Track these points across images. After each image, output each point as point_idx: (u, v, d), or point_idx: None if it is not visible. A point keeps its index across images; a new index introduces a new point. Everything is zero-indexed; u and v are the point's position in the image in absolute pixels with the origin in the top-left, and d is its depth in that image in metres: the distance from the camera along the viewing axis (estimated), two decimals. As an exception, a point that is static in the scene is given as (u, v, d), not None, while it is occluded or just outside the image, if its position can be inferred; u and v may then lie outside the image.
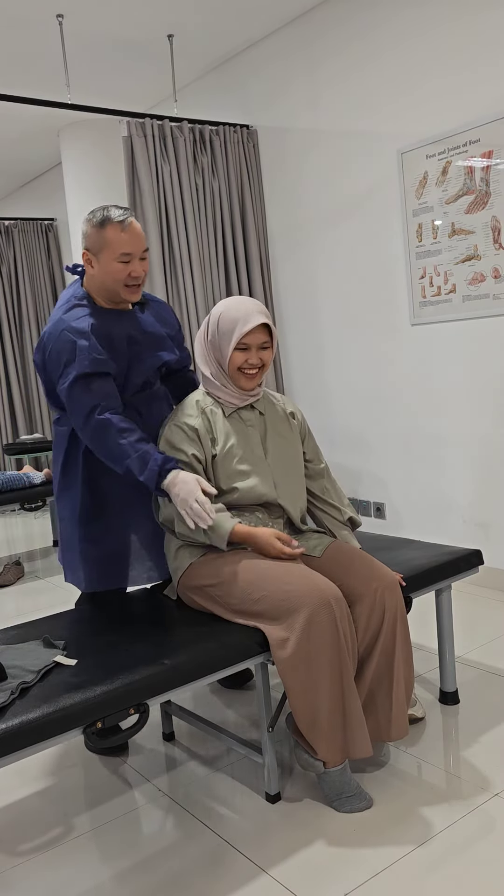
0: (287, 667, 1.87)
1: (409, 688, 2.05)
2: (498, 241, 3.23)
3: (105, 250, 2.07)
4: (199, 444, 2.10)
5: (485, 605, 3.32)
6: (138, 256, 2.11)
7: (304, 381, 4.37)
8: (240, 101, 4.40)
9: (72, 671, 1.79)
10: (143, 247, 2.12)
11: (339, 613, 1.89)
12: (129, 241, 2.07)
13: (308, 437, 2.31)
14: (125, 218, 2.07)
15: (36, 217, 6.73)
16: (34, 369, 6.74)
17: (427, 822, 1.89)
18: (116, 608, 2.23)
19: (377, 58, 3.60)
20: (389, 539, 2.62)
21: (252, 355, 2.09)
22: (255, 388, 2.17)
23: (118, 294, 2.14)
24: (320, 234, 4.09)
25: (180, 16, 3.84)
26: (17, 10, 3.64)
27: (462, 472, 3.56)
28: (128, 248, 2.07)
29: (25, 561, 4.84)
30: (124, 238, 2.06)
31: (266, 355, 2.12)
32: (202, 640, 1.90)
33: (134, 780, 2.21)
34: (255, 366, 2.10)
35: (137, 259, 2.11)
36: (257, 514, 2.15)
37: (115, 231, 2.06)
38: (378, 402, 3.93)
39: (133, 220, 2.10)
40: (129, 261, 2.09)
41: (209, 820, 1.98)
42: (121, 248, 2.06)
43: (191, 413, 2.12)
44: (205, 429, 2.11)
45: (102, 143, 5.32)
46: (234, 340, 2.06)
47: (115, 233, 2.06)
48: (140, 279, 2.14)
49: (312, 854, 1.81)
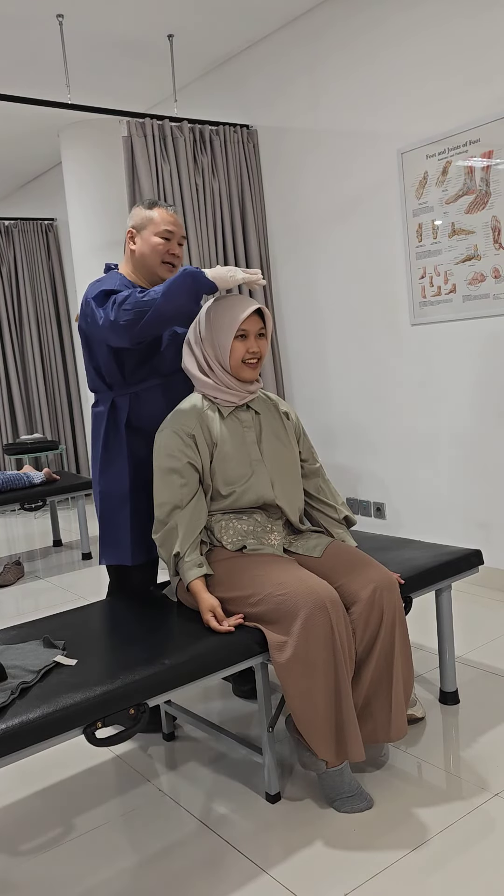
0: (284, 670, 1.87)
1: (408, 688, 2.05)
2: (498, 241, 3.23)
3: (149, 226, 2.30)
4: (196, 450, 2.10)
5: (485, 605, 3.32)
6: (177, 240, 2.34)
7: (304, 381, 4.37)
8: (240, 101, 4.40)
9: (72, 671, 1.79)
10: (182, 233, 2.36)
11: (336, 616, 1.89)
12: (173, 222, 2.33)
13: (303, 437, 2.32)
14: (172, 207, 2.37)
15: (36, 217, 6.73)
16: (34, 369, 6.75)
17: (427, 822, 1.89)
18: (117, 608, 2.23)
19: (377, 58, 3.60)
20: (389, 539, 2.62)
21: (252, 343, 2.13)
22: (254, 382, 2.19)
23: (155, 270, 2.32)
24: (320, 234, 4.09)
25: (180, 16, 3.84)
26: (17, 10, 3.64)
27: (462, 472, 3.56)
28: (170, 227, 2.31)
29: (25, 561, 4.84)
30: (168, 218, 2.32)
31: (263, 343, 2.16)
32: (202, 640, 1.90)
33: (134, 780, 2.21)
34: (256, 355, 2.14)
35: (176, 241, 2.34)
36: (255, 518, 2.15)
37: (162, 211, 2.32)
38: (378, 401, 3.93)
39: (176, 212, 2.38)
40: (169, 238, 2.31)
41: (209, 820, 1.98)
42: (164, 225, 2.30)
43: (188, 419, 2.12)
44: (202, 435, 2.11)
45: (102, 143, 5.32)
46: (234, 329, 2.09)
47: (161, 212, 2.32)
48: (177, 259, 2.35)
49: (312, 854, 1.81)
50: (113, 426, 2.35)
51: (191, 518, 2.07)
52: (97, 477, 2.41)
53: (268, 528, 2.17)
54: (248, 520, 2.14)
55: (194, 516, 2.08)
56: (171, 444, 2.10)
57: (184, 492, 2.08)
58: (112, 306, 2.12)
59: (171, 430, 2.12)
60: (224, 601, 2.02)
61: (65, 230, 6.72)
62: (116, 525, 2.37)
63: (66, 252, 6.79)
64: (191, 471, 2.09)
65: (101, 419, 2.38)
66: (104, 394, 2.38)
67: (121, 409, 2.33)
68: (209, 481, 2.12)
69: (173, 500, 2.08)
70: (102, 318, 2.15)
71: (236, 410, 2.18)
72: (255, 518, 2.15)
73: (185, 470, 2.09)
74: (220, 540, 2.12)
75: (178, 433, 2.11)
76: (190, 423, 2.11)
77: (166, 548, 2.09)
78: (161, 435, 2.15)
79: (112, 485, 2.36)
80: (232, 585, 2.00)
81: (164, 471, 2.10)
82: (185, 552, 2.05)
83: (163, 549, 2.10)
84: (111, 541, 2.39)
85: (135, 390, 2.33)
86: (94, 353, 2.31)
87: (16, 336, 6.76)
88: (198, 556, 2.06)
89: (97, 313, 2.18)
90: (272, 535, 2.16)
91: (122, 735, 1.72)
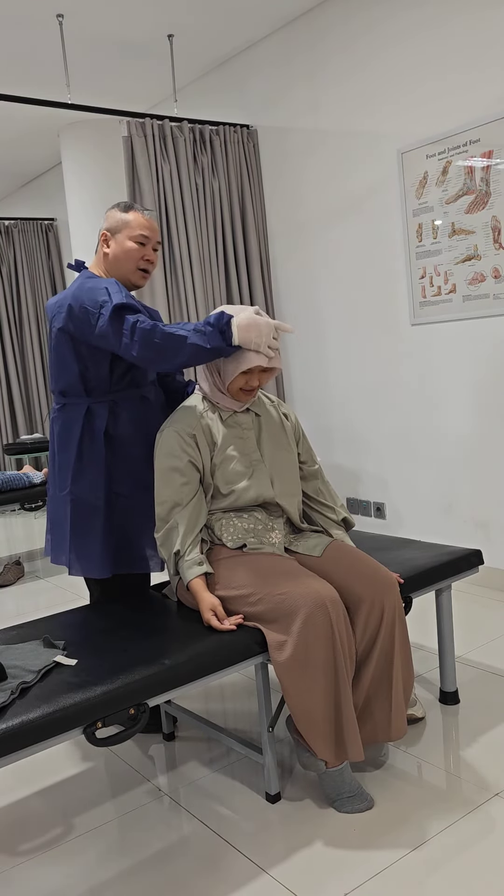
0: (284, 669, 1.87)
1: (408, 688, 2.05)
2: (498, 241, 3.23)
3: (125, 229, 2.25)
4: (198, 450, 2.10)
5: (485, 605, 3.32)
6: (152, 245, 2.28)
7: (304, 381, 4.37)
8: (240, 101, 4.40)
9: (72, 671, 1.79)
10: (158, 238, 2.30)
11: (336, 616, 1.89)
12: (149, 227, 2.27)
13: (302, 438, 2.32)
14: (149, 212, 2.33)
15: (36, 217, 6.73)
16: (34, 369, 6.75)
17: (427, 822, 1.89)
18: (117, 608, 2.23)
19: (377, 58, 3.60)
20: (389, 539, 2.62)
21: (253, 378, 2.12)
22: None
23: (129, 276, 2.27)
24: (320, 234, 4.09)
25: (180, 16, 3.84)
26: (17, 10, 3.64)
27: (462, 472, 3.56)
28: (146, 231, 2.26)
29: (25, 561, 4.84)
30: (144, 222, 2.26)
31: (266, 377, 2.14)
32: (202, 640, 1.90)
33: (134, 780, 2.21)
34: (255, 387, 2.13)
35: (151, 247, 2.28)
36: (256, 516, 2.16)
37: (138, 216, 2.26)
38: (378, 401, 3.93)
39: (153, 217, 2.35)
40: (145, 243, 2.26)
41: (209, 820, 1.98)
42: (139, 229, 2.25)
43: (189, 419, 2.13)
44: (203, 435, 2.11)
45: (102, 143, 5.32)
46: (240, 368, 2.07)
47: (137, 217, 2.26)
48: (151, 265, 2.30)
49: (312, 854, 1.81)
50: (89, 433, 2.26)
51: (191, 516, 2.07)
52: (66, 484, 2.30)
53: (268, 527, 2.17)
54: (249, 518, 2.14)
55: (194, 515, 2.08)
56: (172, 443, 2.10)
57: (185, 490, 2.08)
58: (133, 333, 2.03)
59: (173, 429, 2.12)
60: (224, 600, 2.01)
61: (65, 230, 6.72)
62: (87, 535, 2.28)
63: (66, 252, 6.78)
64: (192, 469, 2.09)
65: (72, 425, 2.28)
66: (77, 398, 2.28)
67: (98, 417, 2.25)
68: (210, 480, 2.12)
69: (174, 498, 2.08)
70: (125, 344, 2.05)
71: (236, 413, 2.19)
72: (255, 516, 2.15)
73: (187, 468, 2.09)
74: (220, 538, 2.12)
75: (179, 432, 2.11)
76: (191, 423, 2.12)
77: (167, 546, 2.09)
78: (162, 434, 2.15)
79: (85, 493, 2.27)
80: (232, 584, 2.00)
81: (165, 469, 2.10)
82: (186, 551, 2.05)
83: (163, 547, 2.10)
84: (82, 553, 2.29)
85: (114, 398, 2.26)
86: (83, 355, 2.22)
87: (16, 336, 6.76)
88: (198, 554, 2.06)
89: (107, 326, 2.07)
90: (273, 534, 2.17)
91: (122, 735, 1.72)
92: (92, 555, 2.28)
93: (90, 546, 2.28)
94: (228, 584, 2.01)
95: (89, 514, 2.28)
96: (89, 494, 2.27)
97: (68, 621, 2.15)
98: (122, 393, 2.27)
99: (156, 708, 2.44)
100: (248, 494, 2.12)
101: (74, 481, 2.28)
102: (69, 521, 2.30)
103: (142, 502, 2.30)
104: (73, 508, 2.29)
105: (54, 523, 2.36)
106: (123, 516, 2.29)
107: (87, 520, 2.28)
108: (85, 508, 2.28)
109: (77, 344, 2.21)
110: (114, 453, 2.27)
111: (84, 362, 2.23)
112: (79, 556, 2.30)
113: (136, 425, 2.28)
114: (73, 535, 2.30)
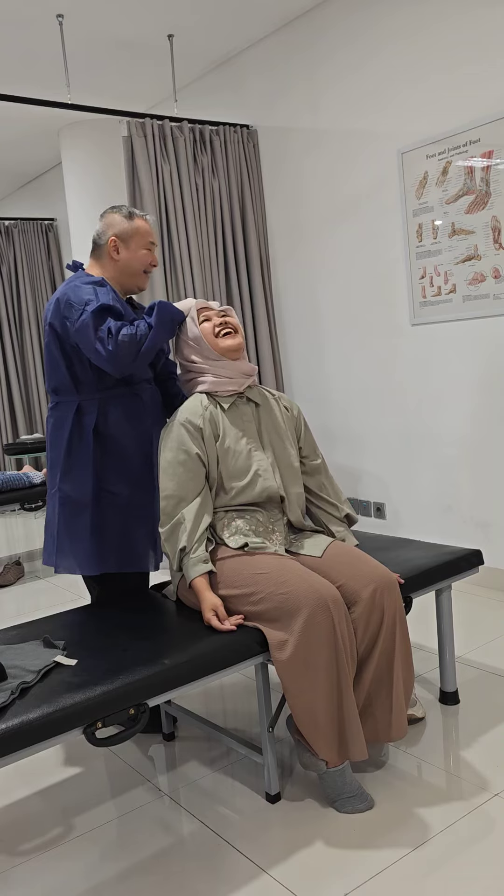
0: (285, 669, 1.87)
1: (408, 688, 2.05)
2: (498, 241, 3.23)
3: (136, 237, 2.32)
4: (203, 443, 2.11)
5: (485, 605, 3.32)
6: (155, 248, 2.40)
7: (304, 381, 4.37)
8: (240, 101, 4.40)
9: (72, 671, 1.79)
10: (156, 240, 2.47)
11: (338, 615, 1.89)
12: (153, 233, 2.39)
13: (305, 431, 2.32)
14: (149, 216, 2.42)
15: (36, 217, 6.73)
16: (34, 369, 6.75)
17: (427, 822, 1.89)
18: (117, 608, 2.23)
19: (377, 57, 3.60)
20: (389, 539, 2.62)
21: (217, 319, 2.22)
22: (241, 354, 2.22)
23: (135, 280, 2.35)
24: (320, 234, 4.09)
25: (180, 16, 3.84)
26: (17, 10, 3.64)
27: (462, 471, 3.56)
28: (153, 238, 2.38)
29: (25, 561, 4.84)
30: (150, 229, 2.37)
31: (229, 319, 2.24)
32: (202, 640, 1.90)
33: (134, 780, 2.21)
34: (226, 325, 2.21)
35: (154, 250, 2.39)
36: (257, 517, 2.16)
37: (143, 223, 2.35)
38: (378, 401, 3.93)
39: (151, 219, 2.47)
40: (152, 249, 2.37)
41: (209, 820, 1.98)
42: (149, 237, 2.35)
43: (194, 413, 2.13)
44: (209, 428, 2.12)
45: (102, 143, 5.32)
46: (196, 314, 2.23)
47: (143, 224, 2.34)
48: (154, 267, 2.40)
49: (312, 854, 1.81)
50: (78, 431, 2.28)
51: (197, 512, 2.07)
52: (55, 482, 2.32)
53: (269, 528, 2.17)
54: (251, 518, 2.14)
55: (201, 511, 2.08)
56: (178, 437, 2.11)
57: (190, 486, 2.08)
58: (108, 338, 2.11)
59: (178, 423, 2.13)
60: (225, 599, 2.01)
61: (65, 230, 6.72)
62: (74, 533, 2.29)
63: (66, 252, 6.78)
64: (198, 464, 2.09)
65: (63, 423, 2.30)
66: (68, 396, 2.30)
67: (88, 414, 2.26)
68: (215, 475, 2.12)
69: (180, 492, 2.08)
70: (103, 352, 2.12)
71: (237, 403, 2.19)
72: (256, 517, 2.15)
73: (193, 463, 2.09)
74: (221, 538, 2.12)
75: (185, 426, 2.11)
76: (196, 417, 2.12)
77: (171, 542, 2.08)
78: (167, 429, 2.15)
79: (73, 490, 2.28)
80: (233, 583, 2.00)
81: (171, 464, 2.10)
82: (192, 547, 2.04)
83: (168, 542, 2.09)
84: (69, 550, 2.30)
85: (104, 396, 2.27)
86: (68, 352, 2.24)
87: (16, 336, 6.76)
88: (203, 552, 2.05)
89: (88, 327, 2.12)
90: (274, 535, 2.17)
91: (122, 735, 1.72)
92: (79, 552, 2.28)
93: (77, 543, 2.29)
94: (230, 583, 2.01)
95: (77, 512, 2.29)
96: (77, 491, 2.28)
97: (68, 621, 2.15)
98: (112, 391, 2.28)
99: (156, 708, 2.44)
100: (252, 490, 2.12)
101: (63, 479, 2.30)
102: (56, 518, 2.32)
103: (134, 501, 2.30)
104: (62, 505, 2.30)
105: (48, 522, 2.38)
106: (114, 514, 2.29)
107: (74, 517, 2.29)
108: (73, 506, 2.29)
109: (63, 341, 2.24)
110: (104, 451, 2.28)
111: (70, 359, 2.26)
112: (66, 553, 2.30)
113: (128, 423, 2.29)
114: (60, 532, 2.31)
